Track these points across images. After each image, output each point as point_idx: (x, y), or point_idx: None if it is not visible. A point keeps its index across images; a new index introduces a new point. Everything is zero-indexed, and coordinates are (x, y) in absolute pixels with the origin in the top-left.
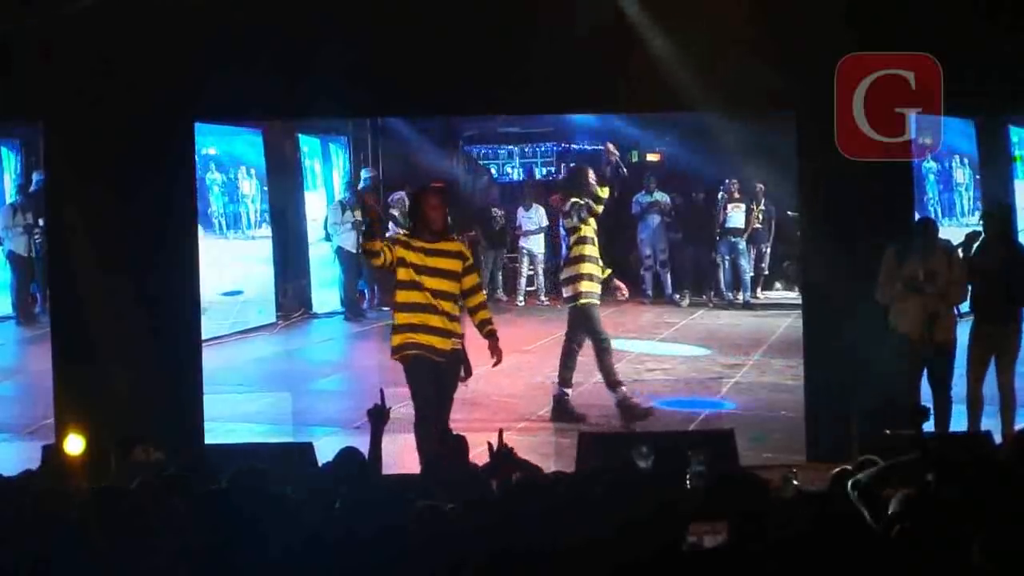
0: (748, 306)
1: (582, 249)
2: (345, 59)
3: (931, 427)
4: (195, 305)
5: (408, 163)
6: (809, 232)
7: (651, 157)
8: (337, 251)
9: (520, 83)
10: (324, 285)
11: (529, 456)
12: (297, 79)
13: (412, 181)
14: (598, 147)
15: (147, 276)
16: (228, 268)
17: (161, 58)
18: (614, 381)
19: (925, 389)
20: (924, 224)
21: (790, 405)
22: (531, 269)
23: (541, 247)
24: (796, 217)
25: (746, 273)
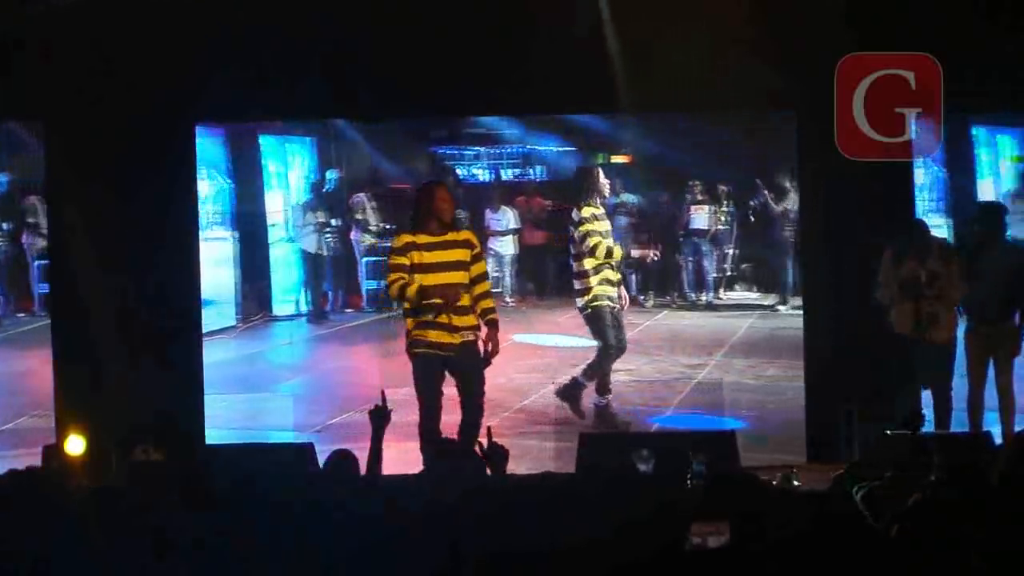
0: (711, 307)
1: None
2: (346, 61)
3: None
4: (195, 305)
5: (372, 164)
6: (809, 232)
7: (618, 159)
8: (300, 253)
9: (520, 84)
10: (285, 287)
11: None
12: (298, 81)
13: (376, 183)
14: (565, 149)
15: (147, 276)
16: None
17: (162, 59)
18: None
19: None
20: (919, 224)
21: (752, 404)
22: (498, 271)
23: (511, 249)
24: (758, 205)
25: (709, 274)
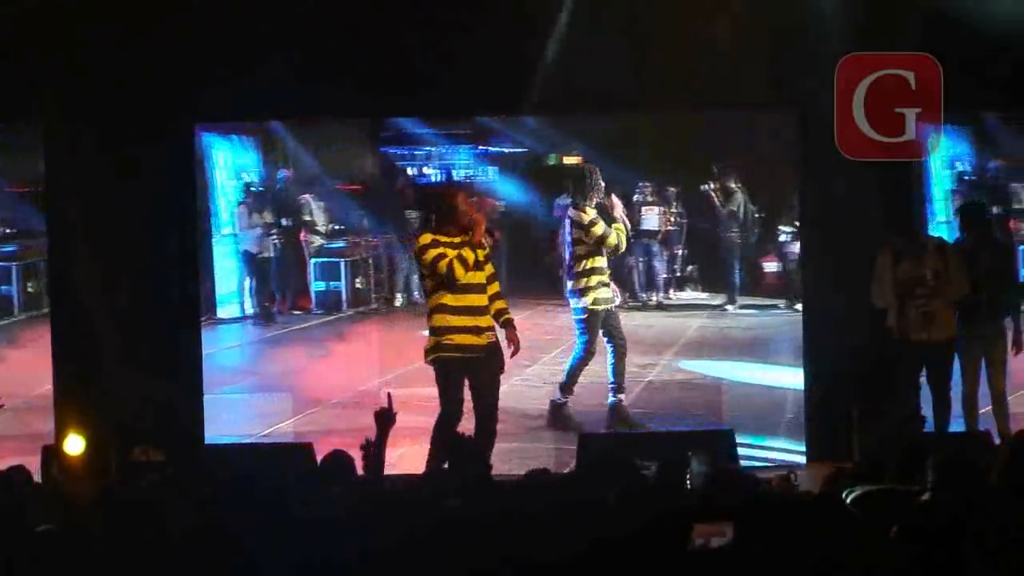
0: (661, 307)
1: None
2: (345, 61)
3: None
4: (195, 305)
5: (321, 163)
6: (808, 232)
7: (569, 160)
8: (244, 255)
9: (521, 84)
10: (229, 289)
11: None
12: (297, 81)
13: (325, 182)
14: (517, 150)
15: (147, 276)
16: None
17: (161, 59)
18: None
19: (925, 390)
20: (916, 224)
21: (699, 404)
22: None
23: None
24: (708, 191)
25: (660, 275)
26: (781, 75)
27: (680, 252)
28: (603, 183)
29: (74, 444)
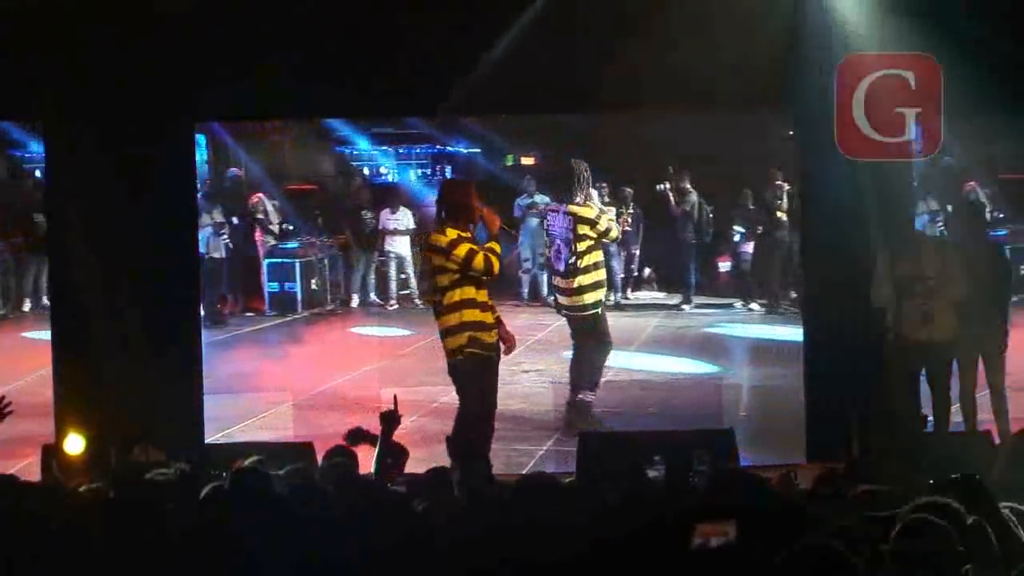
0: (619, 307)
1: (597, 255)
2: (345, 59)
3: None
4: (195, 305)
5: (274, 163)
6: (809, 232)
7: (526, 161)
8: None
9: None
10: None
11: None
12: (297, 80)
13: (278, 182)
14: (473, 149)
15: (147, 276)
16: None
17: (162, 59)
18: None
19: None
20: (914, 224)
21: (656, 402)
22: (403, 273)
23: (408, 250)
24: (664, 191)
25: (617, 275)
26: (781, 75)
27: (637, 252)
28: (590, 176)
29: (73, 443)
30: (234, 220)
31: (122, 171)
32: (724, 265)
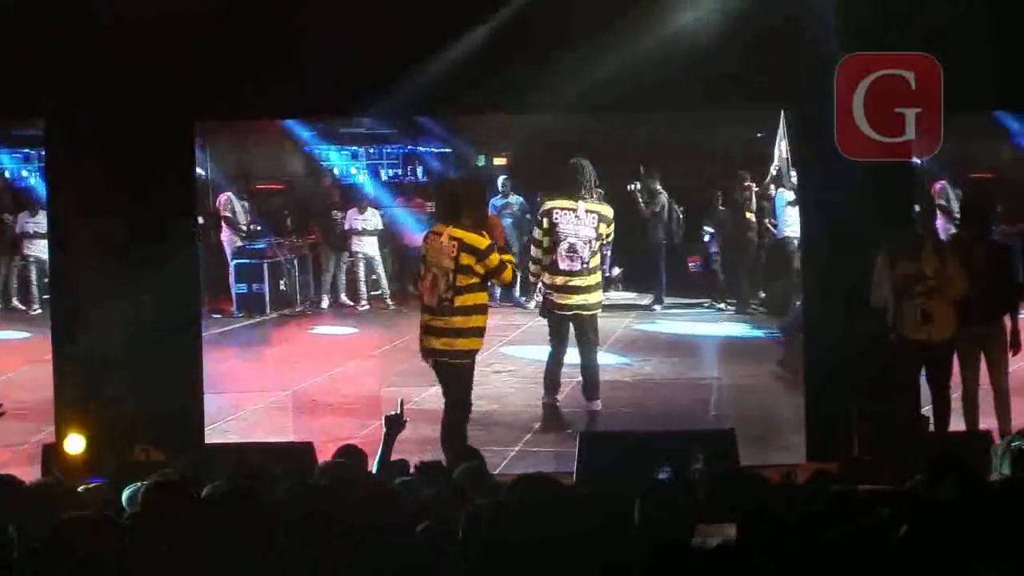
0: None
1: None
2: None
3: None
4: (195, 305)
5: (241, 163)
6: (808, 232)
7: (498, 161)
8: None
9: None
10: None
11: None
12: (297, 79)
13: (245, 181)
14: (444, 149)
15: (147, 276)
16: None
17: (161, 57)
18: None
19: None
20: (913, 224)
21: (628, 403)
22: (374, 274)
23: (377, 250)
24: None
25: None
26: (781, 75)
27: (608, 253)
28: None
29: (74, 443)
30: (199, 219)
31: (122, 170)
32: (694, 265)
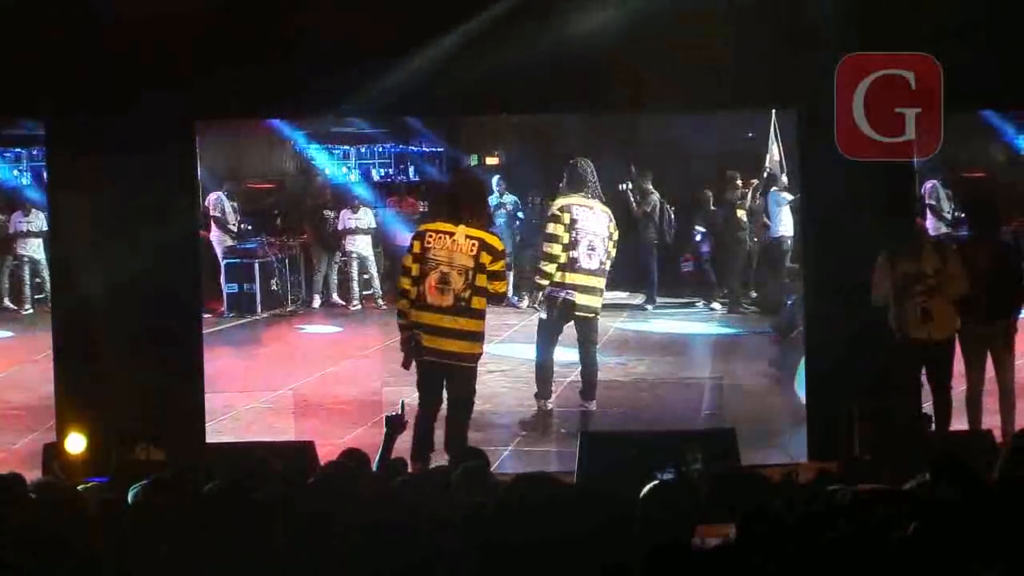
0: None
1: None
2: (345, 58)
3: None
4: (195, 305)
5: (231, 162)
6: (809, 232)
7: (490, 161)
8: None
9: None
10: None
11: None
12: (298, 78)
13: (235, 181)
14: (436, 149)
15: (147, 276)
16: None
17: (161, 57)
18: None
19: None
20: (913, 223)
21: (623, 402)
22: (366, 273)
23: (370, 249)
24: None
25: None
26: (781, 75)
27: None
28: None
29: (74, 442)
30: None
31: (123, 170)
32: (686, 265)
